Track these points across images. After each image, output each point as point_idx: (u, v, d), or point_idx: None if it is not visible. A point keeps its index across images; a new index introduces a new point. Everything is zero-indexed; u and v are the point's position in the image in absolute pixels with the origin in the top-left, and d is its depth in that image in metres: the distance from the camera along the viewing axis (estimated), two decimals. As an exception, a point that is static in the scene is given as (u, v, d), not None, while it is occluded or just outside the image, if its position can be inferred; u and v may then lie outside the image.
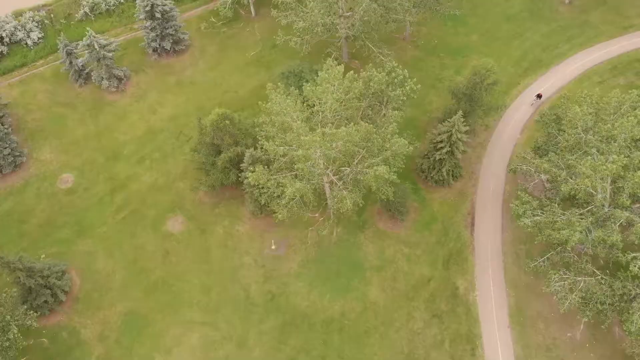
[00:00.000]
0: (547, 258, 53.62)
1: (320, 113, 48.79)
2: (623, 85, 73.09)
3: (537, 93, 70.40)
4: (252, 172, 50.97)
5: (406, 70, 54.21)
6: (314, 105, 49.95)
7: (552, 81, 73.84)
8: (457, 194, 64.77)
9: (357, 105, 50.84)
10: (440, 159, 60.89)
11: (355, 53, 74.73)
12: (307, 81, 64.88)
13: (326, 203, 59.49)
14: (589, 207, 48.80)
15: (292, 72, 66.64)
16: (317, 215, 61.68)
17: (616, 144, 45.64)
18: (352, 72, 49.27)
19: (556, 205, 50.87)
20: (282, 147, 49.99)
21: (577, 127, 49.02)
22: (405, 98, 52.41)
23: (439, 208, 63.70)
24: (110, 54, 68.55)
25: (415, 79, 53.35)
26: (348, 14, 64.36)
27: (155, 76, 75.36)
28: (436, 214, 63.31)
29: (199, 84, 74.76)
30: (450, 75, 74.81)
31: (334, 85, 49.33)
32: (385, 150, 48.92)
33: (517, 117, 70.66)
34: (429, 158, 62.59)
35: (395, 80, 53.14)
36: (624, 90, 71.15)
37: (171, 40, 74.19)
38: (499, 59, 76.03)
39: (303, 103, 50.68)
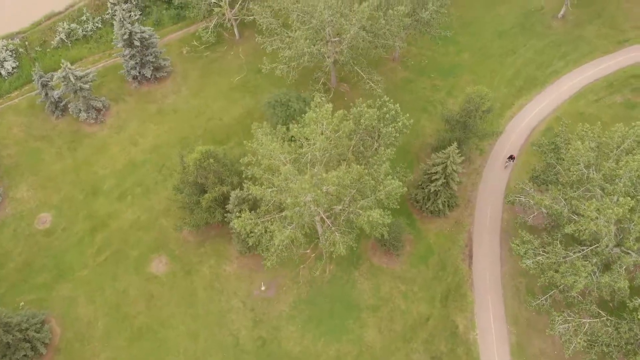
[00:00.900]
0: (550, 296, 51.27)
1: (309, 153, 45.98)
2: (620, 103, 71.04)
3: (510, 155, 64.00)
4: (238, 216, 48.20)
5: (398, 105, 51.55)
6: (301, 146, 47.12)
7: (547, 101, 71.50)
8: (454, 224, 62.26)
9: (347, 143, 48.10)
10: (436, 190, 58.37)
11: (344, 76, 72.21)
12: (294, 111, 62.64)
13: (317, 238, 56.84)
14: (593, 247, 46.40)
15: (278, 100, 63.77)
16: (308, 251, 58.98)
17: (621, 184, 43.24)
18: (341, 110, 46.57)
19: (558, 243, 48.42)
20: (269, 190, 47.25)
21: (579, 164, 46.58)
22: (398, 134, 49.73)
23: (435, 240, 61.15)
24: (87, 86, 65.40)
25: (407, 115, 50.73)
26: (335, 39, 61.64)
27: (136, 105, 72.26)
28: (432, 246, 60.75)
29: (182, 112, 71.75)
30: (442, 97, 72.32)
31: (323, 125, 46.57)
32: (379, 191, 46.23)
33: (512, 140, 68.25)
34: (423, 189, 60.07)
35: (387, 115, 50.43)
36: (621, 108, 70.11)
37: (152, 68, 71.16)
38: (491, 79, 73.93)
39: (290, 143, 47.84)
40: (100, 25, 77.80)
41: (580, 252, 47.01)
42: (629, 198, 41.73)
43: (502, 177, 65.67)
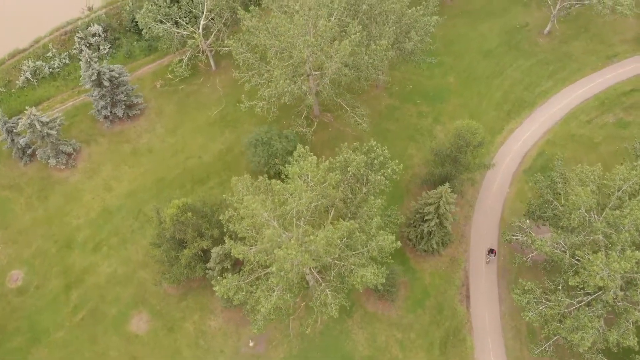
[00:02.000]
0: (553, 342, 48.71)
1: (295, 209, 42.76)
2: (612, 123, 68.87)
3: (490, 248, 58.56)
4: (220, 278, 45.03)
5: (386, 150, 48.48)
6: (285, 201, 43.84)
7: (537, 124, 69.04)
8: (449, 262, 59.53)
9: (334, 194, 44.97)
10: (429, 231, 55.56)
11: (328, 105, 68.95)
12: (277, 150, 59.59)
13: (307, 287, 53.67)
14: (598, 293, 43.87)
15: (259, 139, 60.56)
16: (298, 300, 55.81)
17: (627, 233, 40.68)
18: (327, 162, 43.44)
19: (561, 289, 45.88)
20: (253, 249, 44.04)
21: (580, 208, 43.97)
22: (387, 182, 46.69)
23: (430, 281, 58.38)
24: (55, 132, 61.49)
25: (397, 160, 47.70)
26: (316, 72, 58.47)
27: (109, 146, 68.45)
28: (428, 287, 57.97)
29: (158, 152, 68.09)
30: (429, 125, 69.50)
31: (308, 177, 43.39)
32: (371, 248, 43.19)
33: (503, 168, 65.66)
34: (415, 227, 57.20)
35: (375, 161, 47.37)
36: (614, 128, 67.90)
37: (123, 106, 67.38)
38: (479, 102, 71.35)
39: (274, 198, 44.55)
40: (67, 61, 73.72)
41: (584, 300, 44.50)
42: (637, 251, 39.20)
43: (496, 208, 63.08)
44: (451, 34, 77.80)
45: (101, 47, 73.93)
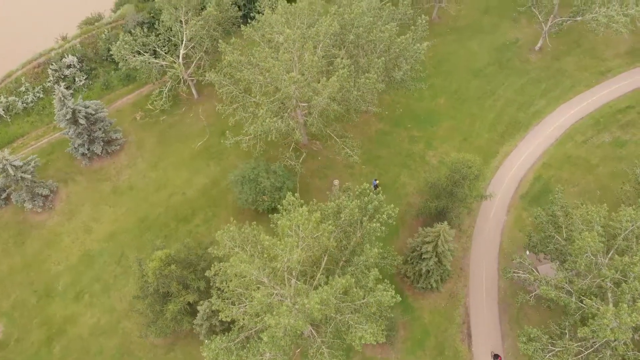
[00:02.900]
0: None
1: (286, 264, 40.04)
2: (609, 142, 66.88)
3: (495, 354, 53.70)
4: (207, 341, 42.33)
5: (381, 195, 45.84)
6: (276, 257, 41.09)
7: (532, 146, 66.86)
8: (448, 298, 57.14)
9: (327, 244, 42.29)
10: (428, 270, 53.16)
11: (316, 132, 66.28)
12: (264, 188, 56.87)
13: (302, 335, 51.00)
14: (606, 339, 41.71)
15: (246, 177, 57.77)
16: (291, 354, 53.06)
17: (637, 282, 38.48)
18: (318, 213, 40.69)
19: (567, 334, 43.68)
20: (241, 308, 41.33)
21: (587, 252, 41.74)
22: (384, 228, 44.13)
23: (430, 319, 55.96)
24: (29, 176, 58.29)
25: (392, 205, 45.13)
26: (304, 104, 55.82)
27: (88, 184, 65.32)
28: (428, 326, 55.54)
29: (140, 189, 65.06)
30: (421, 150, 67.09)
31: (299, 228, 40.67)
32: (369, 305, 40.61)
33: (500, 194, 63.35)
34: (413, 265, 54.74)
35: (369, 206, 44.77)
36: (610, 148, 65.90)
37: (102, 143, 64.29)
38: (472, 124, 69.07)
39: (263, 253, 41.79)
40: (41, 95, 70.39)
41: (591, 347, 42.36)
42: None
43: (494, 237, 60.80)
44: (440, 52, 75.51)
45: (77, 78, 70.73)
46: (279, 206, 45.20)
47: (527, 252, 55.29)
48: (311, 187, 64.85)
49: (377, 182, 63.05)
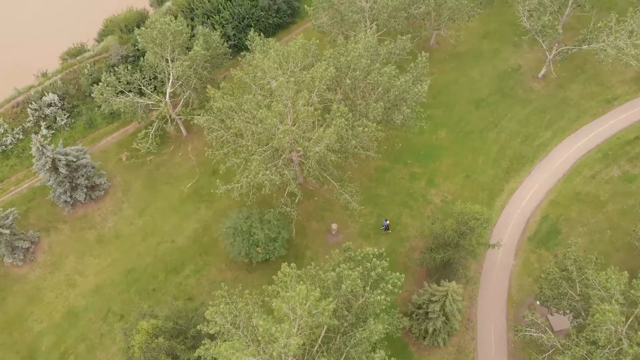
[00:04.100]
0: None
1: (283, 349, 36.63)
2: (618, 177, 63.94)
3: None
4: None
5: (384, 260, 42.52)
6: (270, 340, 37.72)
7: (539, 183, 63.77)
8: (456, 353, 54.04)
9: (328, 322, 38.91)
10: (434, 329, 50.01)
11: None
12: (258, 240, 53.49)
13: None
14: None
15: (237, 228, 54.37)
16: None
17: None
18: (318, 291, 37.33)
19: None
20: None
21: (606, 323, 38.71)
22: (389, 299, 40.85)
23: (436, 377, 52.92)
24: (8, 231, 54.68)
25: (398, 273, 41.85)
26: (300, 152, 52.51)
27: (71, 233, 61.72)
28: (434, 385, 52.53)
29: (126, 237, 61.53)
30: (423, 188, 63.89)
31: (297, 306, 37.30)
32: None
33: (506, 236, 60.29)
34: (418, 322, 51.54)
35: (372, 273, 41.43)
36: (620, 183, 63.03)
37: (85, 189, 60.67)
38: (474, 159, 65.91)
39: (257, 336, 38.39)
40: (21, 137, 66.60)
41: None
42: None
43: (502, 284, 57.78)
44: (439, 81, 71.91)
45: (58, 118, 67.03)
46: (273, 277, 41.73)
47: (537, 302, 52.39)
48: (308, 231, 61.64)
49: (388, 222, 60.02)
